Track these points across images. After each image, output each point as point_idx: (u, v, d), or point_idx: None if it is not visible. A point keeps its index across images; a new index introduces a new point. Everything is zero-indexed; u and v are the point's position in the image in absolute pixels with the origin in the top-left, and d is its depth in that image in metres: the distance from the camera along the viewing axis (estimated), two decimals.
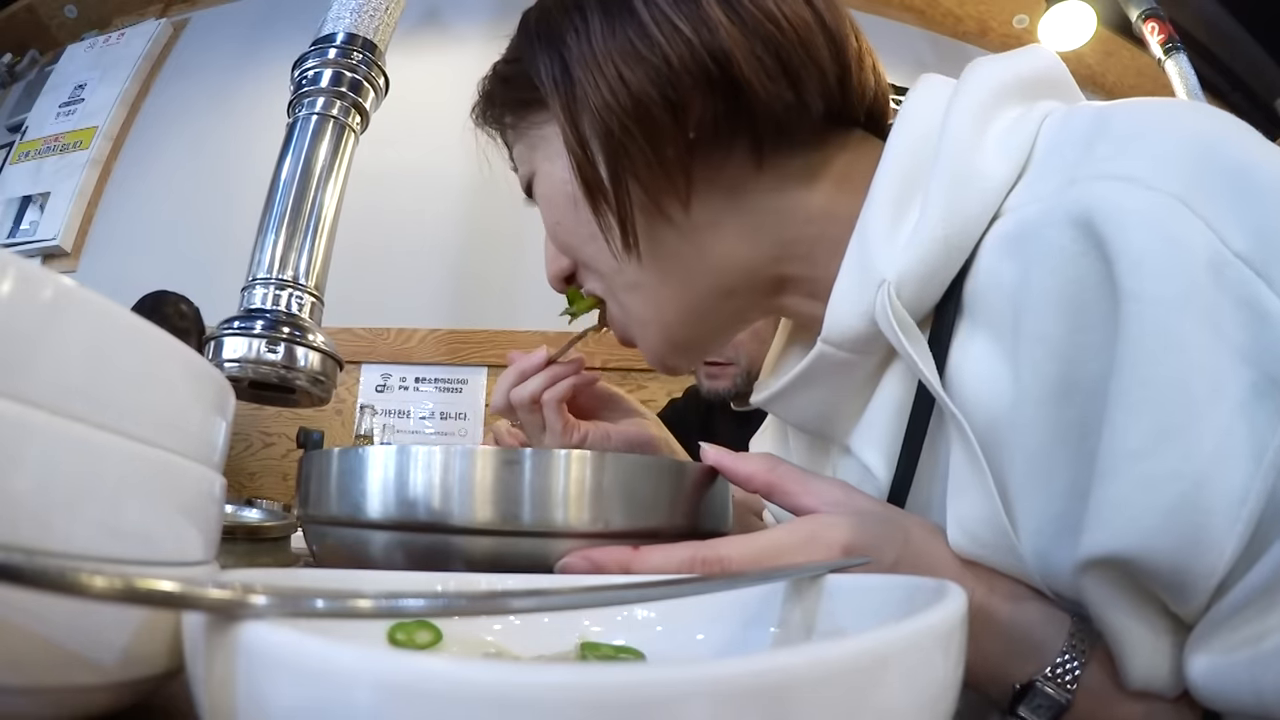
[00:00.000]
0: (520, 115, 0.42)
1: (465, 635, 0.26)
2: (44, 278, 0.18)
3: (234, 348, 0.78)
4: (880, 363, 0.35)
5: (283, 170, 0.88)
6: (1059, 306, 0.27)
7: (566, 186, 0.38)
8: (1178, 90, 1.71)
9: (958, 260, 0.31)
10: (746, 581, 0.27)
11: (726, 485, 0.42)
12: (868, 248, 0.32)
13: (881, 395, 0.36)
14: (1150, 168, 0.26)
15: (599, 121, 0.35)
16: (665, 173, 0.35)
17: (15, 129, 2.15)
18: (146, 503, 0.20)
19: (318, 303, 0.86)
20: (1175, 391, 0.24)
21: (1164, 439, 0.24)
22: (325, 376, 0.84)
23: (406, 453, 0.35)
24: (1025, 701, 0.29)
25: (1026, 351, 0.28)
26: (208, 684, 0.15)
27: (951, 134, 0.31)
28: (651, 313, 0.39)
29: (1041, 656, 0.30)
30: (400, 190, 1.83)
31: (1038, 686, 0.29)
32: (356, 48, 0.92)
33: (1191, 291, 0.24)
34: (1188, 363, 0.24)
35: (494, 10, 2.04)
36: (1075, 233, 0.27)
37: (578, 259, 0.42)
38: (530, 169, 0.43)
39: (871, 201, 0.33)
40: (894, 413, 0.35)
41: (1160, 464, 0.24)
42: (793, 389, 0.38)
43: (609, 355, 1.73)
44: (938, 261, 0.30)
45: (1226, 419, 0.24)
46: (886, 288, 0.31)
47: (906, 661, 0.16)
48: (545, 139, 0.40)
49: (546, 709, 0.12)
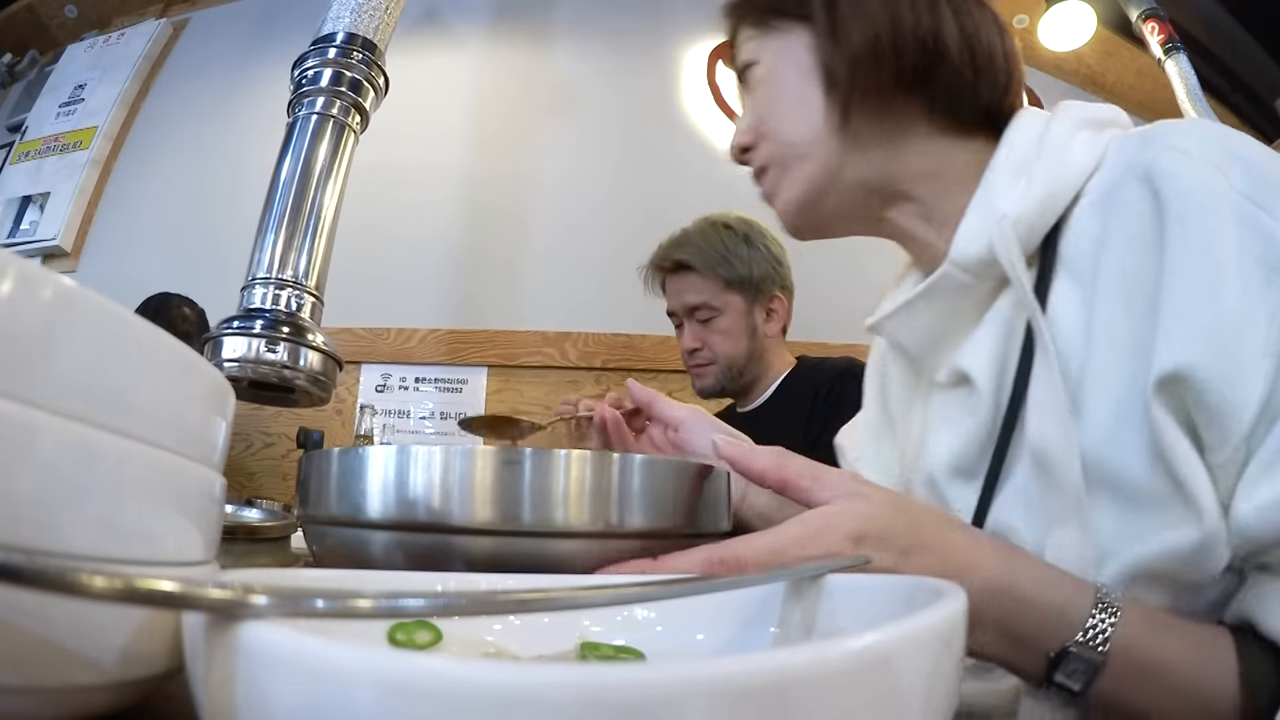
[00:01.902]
0: (771, 18, 0.52)
1: (465, 635, 0.26)
2: (44, 278, 0.18)
3: (233, 347, 0.78)
4: (991, 291, 0.45)
5: (282, 170, 0.88)
6: (1127, 244, 0.38)
7: (788, 75, 0.50)
8: (1178, 90, 1.71)
9: (1053, 215, 0.41)
10: (747, 581, 0.27)
11: (726, 485, 0.42)
12: (991, 195, 0.44)
13: (990, 320, 0.44)
14: (1193, 144, 0.38)
15: (850, 47, 0.46)
16: (878, 91, 0.47)
17: (15, 129, 2.15)
18: (146, 503, 0.21)
19: (318, 302, 0.86)
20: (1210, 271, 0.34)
21: (1203, 298, 0.34)
22: (325, 376, 0.84)
23: (406, 453, 0.35)
24: (1061, 668, 0.33)
25: (1102, 287, 0.39)
26: (208, 684, 0.15)
27: (1052, 136, 0.44)
28: (811, 177, 0.49)
29: (1070, 623, 0.33)
30: (401, 190, 1.83)
31: (1071, 651, 0.32)
32: (356, 47, 0.92)
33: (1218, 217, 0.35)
34: (1217, 255, 0.34)
35: (494, 10, 2.04)
36: (1140, 187, 0.38)
37: (770, 131, 0.52)
38: (754, 57, 0.53)
39: (994, 167, 0.45)
40: (1001, 336, 0.43)
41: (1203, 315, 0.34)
42: (912, 306, 0.47)
43: (609, 356, 1.73)
44: (1041, 209, 0.41)
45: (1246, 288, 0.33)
46: (1005, 222, 0.42)
47: (906, 661, 0.16)
48: (784, 40, 0.51)
49: (546, 709, 0.12)
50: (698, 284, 1.19)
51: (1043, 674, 0.33)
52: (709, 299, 1.19)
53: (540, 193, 1.86)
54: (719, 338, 1.19)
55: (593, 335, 1.73)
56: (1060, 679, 0.33)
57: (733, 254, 1.18)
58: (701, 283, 1.19)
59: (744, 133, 0.53)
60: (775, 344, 1.25)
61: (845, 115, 0.47)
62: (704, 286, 1.19)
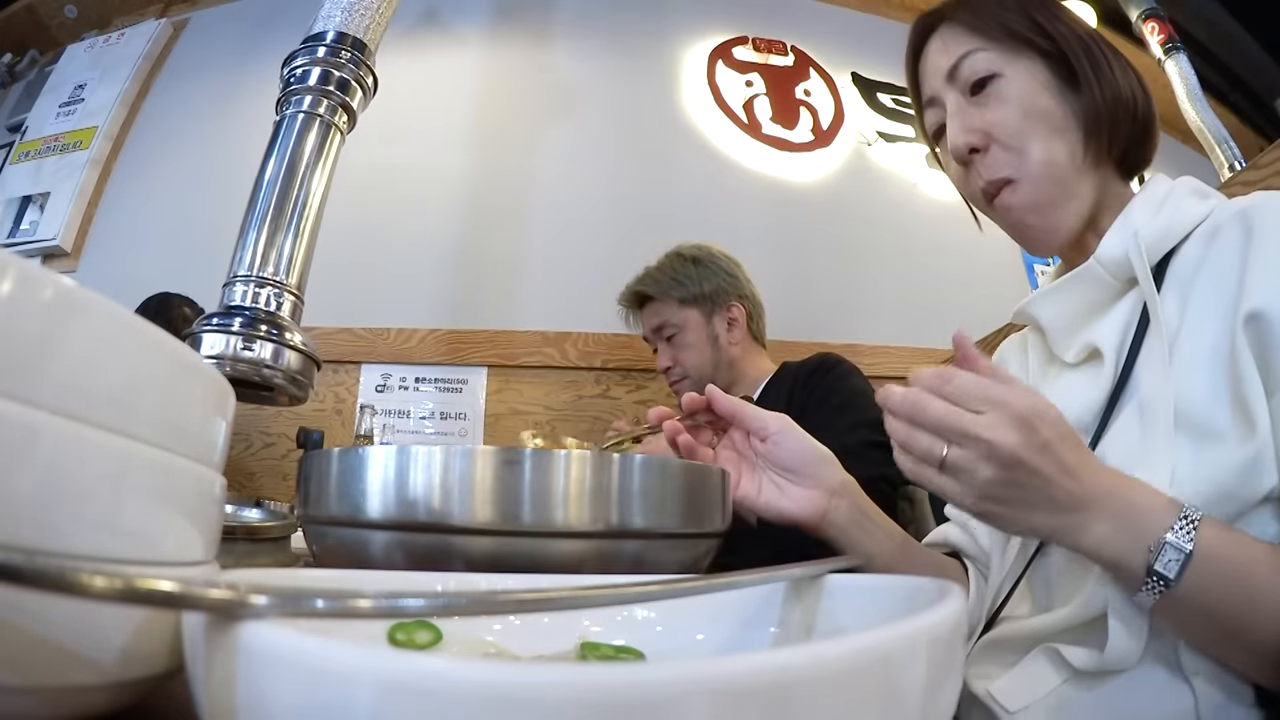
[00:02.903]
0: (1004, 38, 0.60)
1: (465, 635, 0.26)
2: (45, 278, 0.18)
3: (212, 344, 0.78)
4: (1119, 290, 0.55)
5: (267, 168, 0.87)
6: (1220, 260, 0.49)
7: (1040, 101, 0.58)
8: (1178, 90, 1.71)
9: (1171, 242, 0.53)
10: (747, 582, 0.27)
11: (726, 485, 0.42)
12: (1130, 219, 0.55)
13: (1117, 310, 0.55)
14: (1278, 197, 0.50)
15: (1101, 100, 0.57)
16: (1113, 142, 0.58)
17: (15, 129, 2.15)
18: (146, 503, 0.20)
19: (298, 301, 0.86)
20: None
21: None
22: (303, 376, 0.83)
23: (406, 453, 0.35)
24: (1160, 557, 0.40)
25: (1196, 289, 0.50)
26: (208, 684, 0.15)
27: (1176, 193, 0.56)
28: (1062, 200, 0.59)
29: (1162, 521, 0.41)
30: (401, 189, 1.83)
31: (1167, 540, 0.40)
32: (346, 47, 0.91)
33: None
34: None
35: (494, 10, 2.04)
36: (1237, 226, 0.49)
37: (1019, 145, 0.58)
38: (996, 69, 0.59)
39: (1136, 201, 0.57)
40: (1124, 322, 0.54)
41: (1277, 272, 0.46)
42: (1059, 289, 0.58)
43: (609, 356, 1.73)
44: (1162, 235, 0.53)
45: None
46: (1139, 236, 0.53)
47: (906, 661, 0.16)
48: (1022, 62, 0.59)
49: (546, 709, 0.12)
50: (657, 308, 1.35)
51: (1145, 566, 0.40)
52: (668, 318, 1.33)
53: (540, 192, 1.86)
54: (685, 352, 1.32)
55: (593, 335, 1.73)
56: (1159, 567, 0.40)
57: (683, 275, 1.33)
58: (660, 306, 1.34)
59: (976, 133, 0.60)
60: (744, 351, 1.32)
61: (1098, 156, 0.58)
62: (662, 309, 1.34)
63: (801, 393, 1.16)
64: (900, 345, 1.79)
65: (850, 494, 0.58)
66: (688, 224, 1.58)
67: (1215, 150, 1.64)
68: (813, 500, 0.57)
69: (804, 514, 0.57)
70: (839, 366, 1.19)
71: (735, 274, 1.35)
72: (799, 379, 1.19)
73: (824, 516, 0.57)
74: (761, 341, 1.37)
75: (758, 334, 1.36)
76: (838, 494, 0.58)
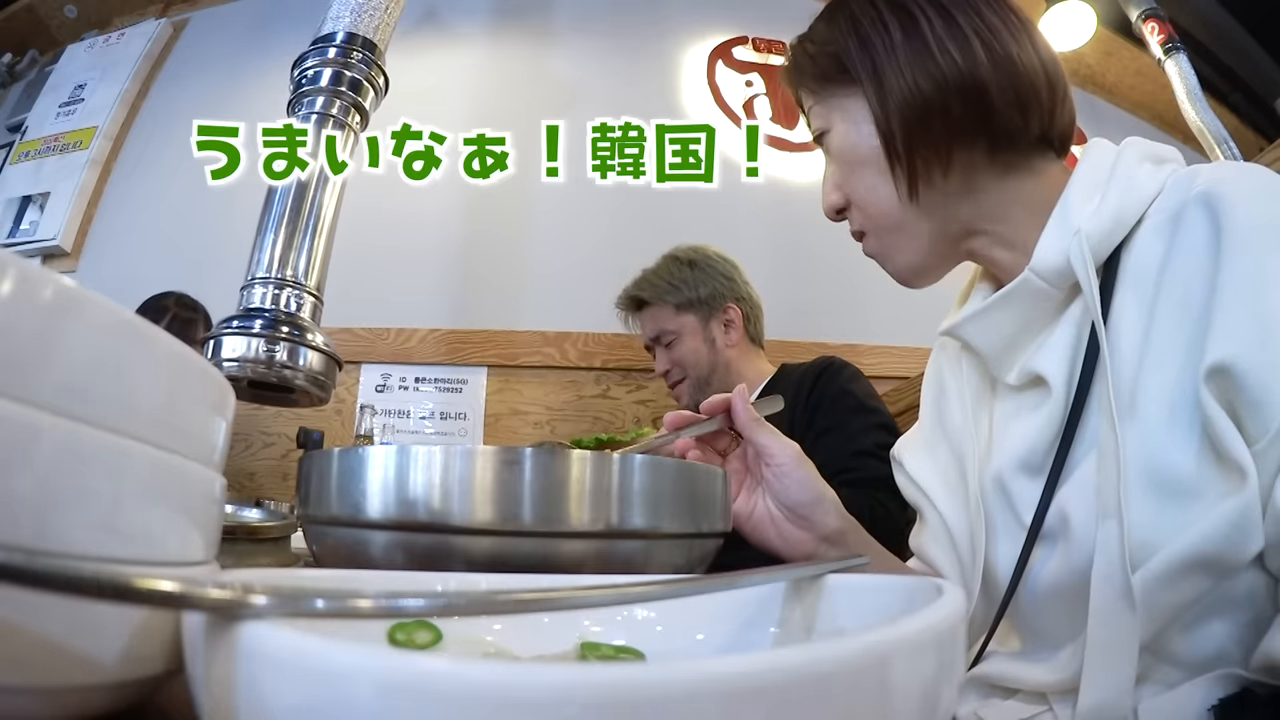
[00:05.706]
0: (823, 86, 0.55)
1: (465, 635, 0.26)
2: (44, 278, 0.18)
3: (233, 347, 0.78)
4: (1063, 301, 0.48)
5: None
6: (1187, 264, 0.42)
7: (861, 147, 0.53)
8: (1177, 90, 1.71)
9: (1121, 233, 0.46)
10: (747, 582, 0.27)
11: (727, 486, 0.42)
12: (1068, 212, 0.48)
13: (1063, 326, 0.48)
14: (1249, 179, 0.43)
15: (899, 112, 0.50)
16: (936, 151, 0.50)
17: (15, 129, 2.15)
18: (146, 503, 0.20)
19: (318, 302, 0.86)
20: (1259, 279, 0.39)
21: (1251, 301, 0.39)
22: (325, 376, 0.83)
23: (406, 453, 0.35)
24: None
25: (1162, 301, 0.43)
26: (208, 684, 0.15)
27: (1123, 163, 0.48)
28: (906, 244, 0.54)
29: None
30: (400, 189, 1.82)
31: None
32: (356, 47, 0.92)
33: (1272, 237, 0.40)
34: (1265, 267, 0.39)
35: (494, 10, 2.04)
36: (1202, 214, 0.42)
37: (854, 199, 0.55)
38: (826, 125, 0.56)
39: (1071, 187, 0.49)
40: (1071, 341, 0.47)
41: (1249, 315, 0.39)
42: (991, 310, 0.50)
43: (608, 356, 1.73)
44: (1111, 227, 0.46)
45: None
46: (1080, 235, 0.46)
47: (906, 661, 0.16)
48: (844, 107, 0.54)
49: (546, 709, 0.12)
50: (655, 314, 1.35)
51: None
52: (665, 325, 1.33)
53: (540, 192, 1.86)
54: (683, 356, 1.32)
55: (593, 335, 1.73)
56: None
57: (679, 280, 1.32)
58: (658, 312, 1.34)
59: (833, 193, 0.57)
60: (741, 352, 1.32)
61: (913, 184, 0.51)
62: (659, 315, 1.34)
63: (810, 395, 1.15)
64: (900, 345, 1.79)
65: (843, 544, 0.56)
66: (688, 223, 1.58)
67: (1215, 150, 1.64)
68: (802, 545, 0.55)
69: (789, 555, 0.56)
70: (847, 369, 1.19)
71: (732, 276, 1.35)
72: (804, 381, 1.19)
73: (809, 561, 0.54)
74: (759, 343, 1.37)
75: (755, 335, 1.36)
76: (829, 541, 0.55)
